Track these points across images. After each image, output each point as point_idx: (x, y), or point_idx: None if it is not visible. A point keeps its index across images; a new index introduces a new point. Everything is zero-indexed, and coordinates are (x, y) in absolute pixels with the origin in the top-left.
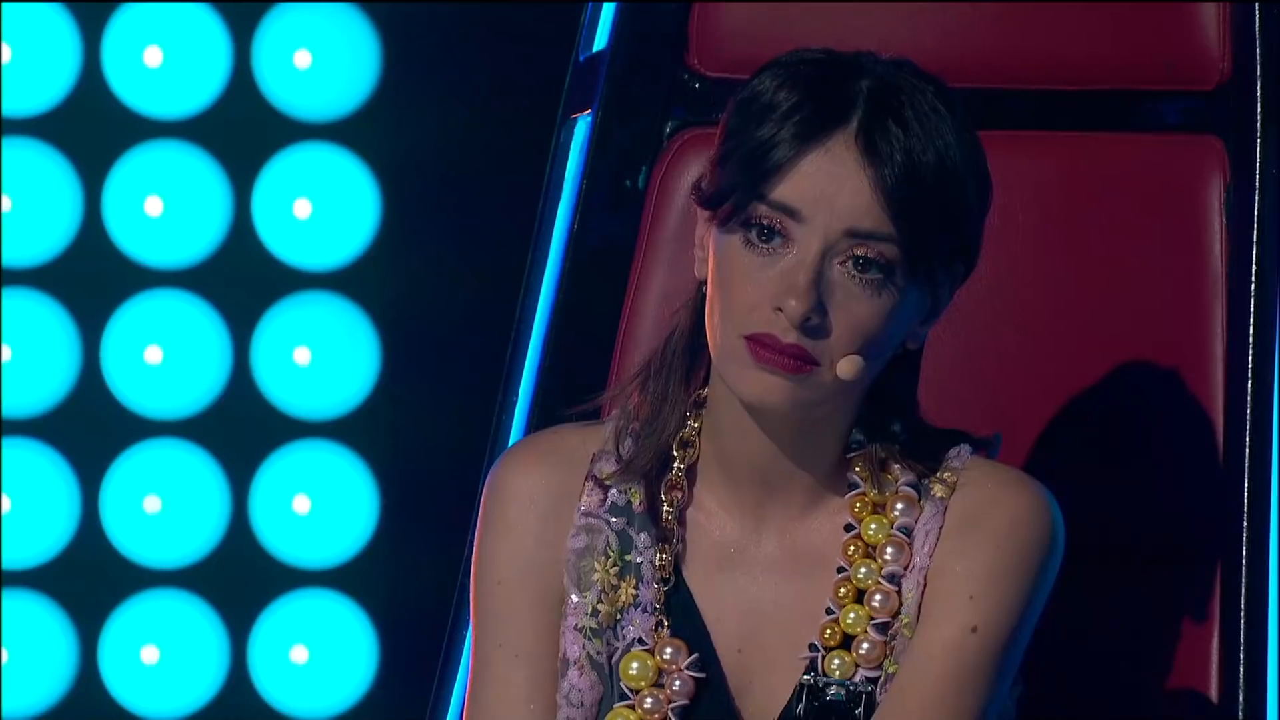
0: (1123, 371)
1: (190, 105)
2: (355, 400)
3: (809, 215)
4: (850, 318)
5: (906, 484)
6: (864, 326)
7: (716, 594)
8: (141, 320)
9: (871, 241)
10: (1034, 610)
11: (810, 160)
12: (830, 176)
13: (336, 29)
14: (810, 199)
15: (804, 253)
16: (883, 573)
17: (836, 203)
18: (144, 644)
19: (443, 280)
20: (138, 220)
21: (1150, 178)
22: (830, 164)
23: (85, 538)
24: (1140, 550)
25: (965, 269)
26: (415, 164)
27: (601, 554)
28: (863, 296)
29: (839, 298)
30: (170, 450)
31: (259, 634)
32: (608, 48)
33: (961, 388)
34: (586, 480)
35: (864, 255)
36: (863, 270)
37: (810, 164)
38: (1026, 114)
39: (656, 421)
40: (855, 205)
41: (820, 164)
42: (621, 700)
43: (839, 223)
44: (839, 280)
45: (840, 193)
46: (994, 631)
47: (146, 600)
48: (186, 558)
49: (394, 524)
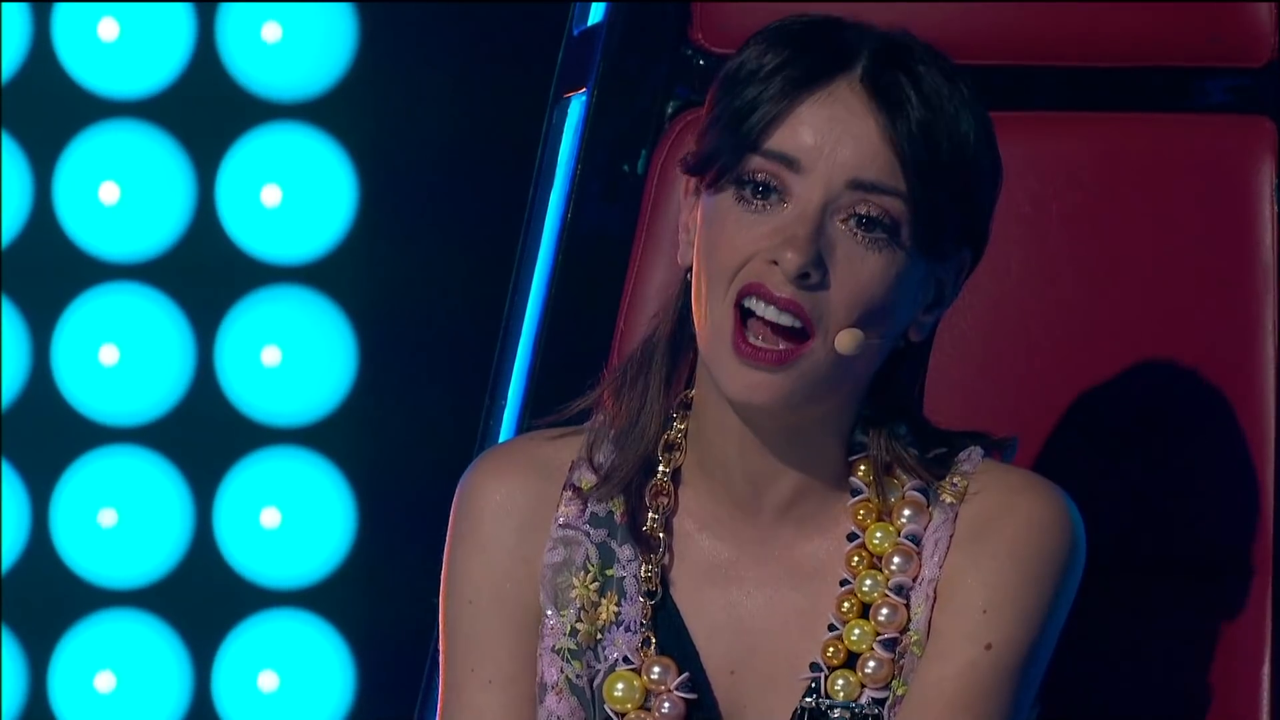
0: (1162, 370)
1: (148, 83)
2: (329, 404)
3: (809, 164)
4: (851, 279)
5: (914, 489)
6: (865, 291)
7: (706, 611)
8: (95, 317)
9: (876, 195)
10: (1054, 625)
11: (809, 106)
12: (832, 121)
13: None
14: (809, 147)
15: (804, 205)
16: (889, 584)
17: (839, 150)
18: (98, 670)
19: (425, 274)
20: (91, 208)
21: (1194, 161)
22: (832, 108)
23: (34, 555)
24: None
25: (973, 257)
26: (395, 146)
27: (580, 569)
28: (865, 257)
29: (839, 256)
30: (127, 459)
31: (224, 659)
32: (604, 21)
33: (986, 385)
34: (565, 490)
35: (867, 213)
36: (867, 229)
37: (809, 110)
38: (1059, 93)
39: (636, 427)
40: (860, 153)
41: (821, 108)
42: None
43: (841, 173)
44: (841, 238)
45: (843, 139)
46: (1011, 648)
47: (101, 622)
48: (145, 576)
49: (372, 539)
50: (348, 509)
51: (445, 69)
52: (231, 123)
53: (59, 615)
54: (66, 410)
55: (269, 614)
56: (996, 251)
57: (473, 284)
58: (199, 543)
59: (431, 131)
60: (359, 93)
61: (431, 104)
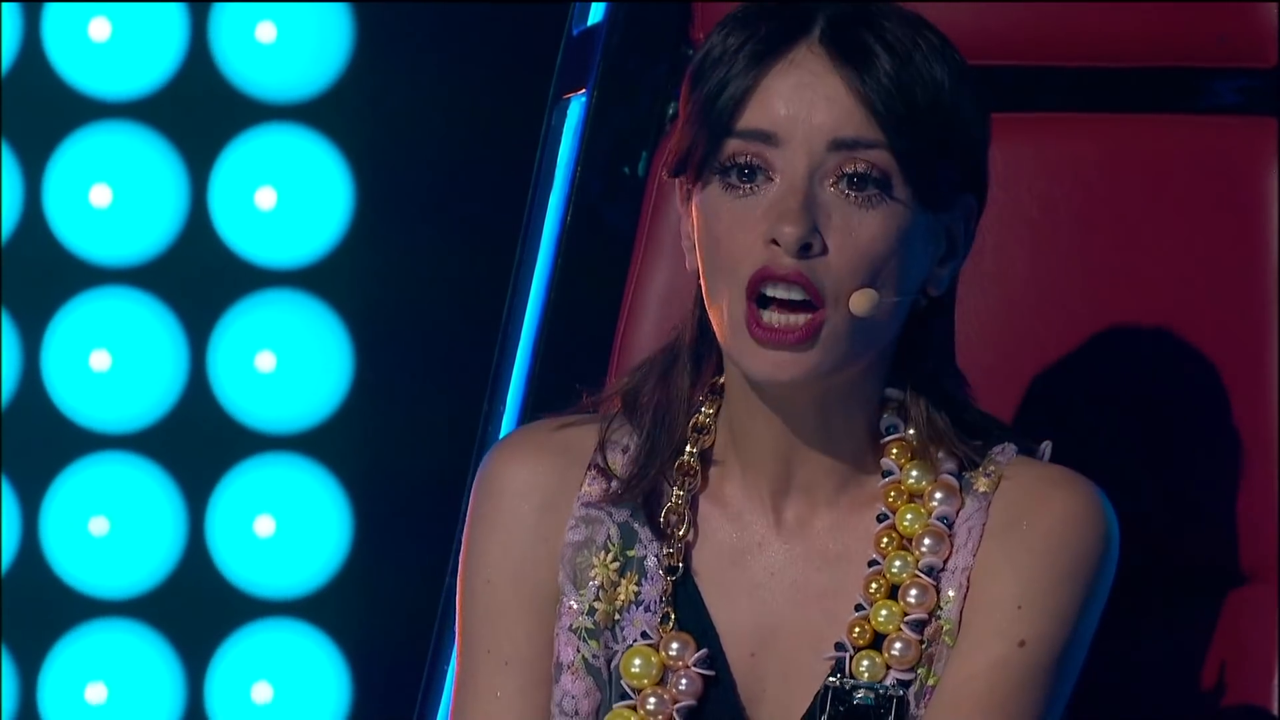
0: (1172, 375)
1: (141, 84)
2: (324, 411)
3: (786, 135)
4: (852, 241)
5: (947, 473)
6: (869, 250)
7: (729, 592)
8: (87, 322)
9: (860, 151)
10: (1088, 622)
11: (774, 77)
12: (800, 87)
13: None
14: (783, 118)
15: (790, 177)
16: (920, 565)
17: (813, 115)
18: (89, 681)
19: (422, 278)
20: (83, 211)
21: (1202, 164)
22: (798, 74)
23: (25, 563)
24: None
25: (978, 202)
26: (391, 148)
27: (601, 548)
28: (863, 217)
29: (837, 221)
30: (118, 466)
31: (217, 670)
32: (604, 20)
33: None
34: (589, 469)
35: (855, 171)
36: (858, 187)
37: (775, 81)
38: (1066, 94)
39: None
40: (834, 113)
41: (787, 77)
42: (622, 700)
43: (820, 136)
44: (834, 202)
45: (815, 102)
46: (1045, 645)
47: (92, 632)
48: (137, 585)
49: (367, 548)
50: (343, 517)
51: (443, 70)
52: (225, 124)
53: (49, 625)
54: (57, 416)
55: (263, 624)
56: (1003, 254)
57: (471, 288)
58: (192, 551)
59: (429, 133)
60: (355, 94)
61: (429, 105)
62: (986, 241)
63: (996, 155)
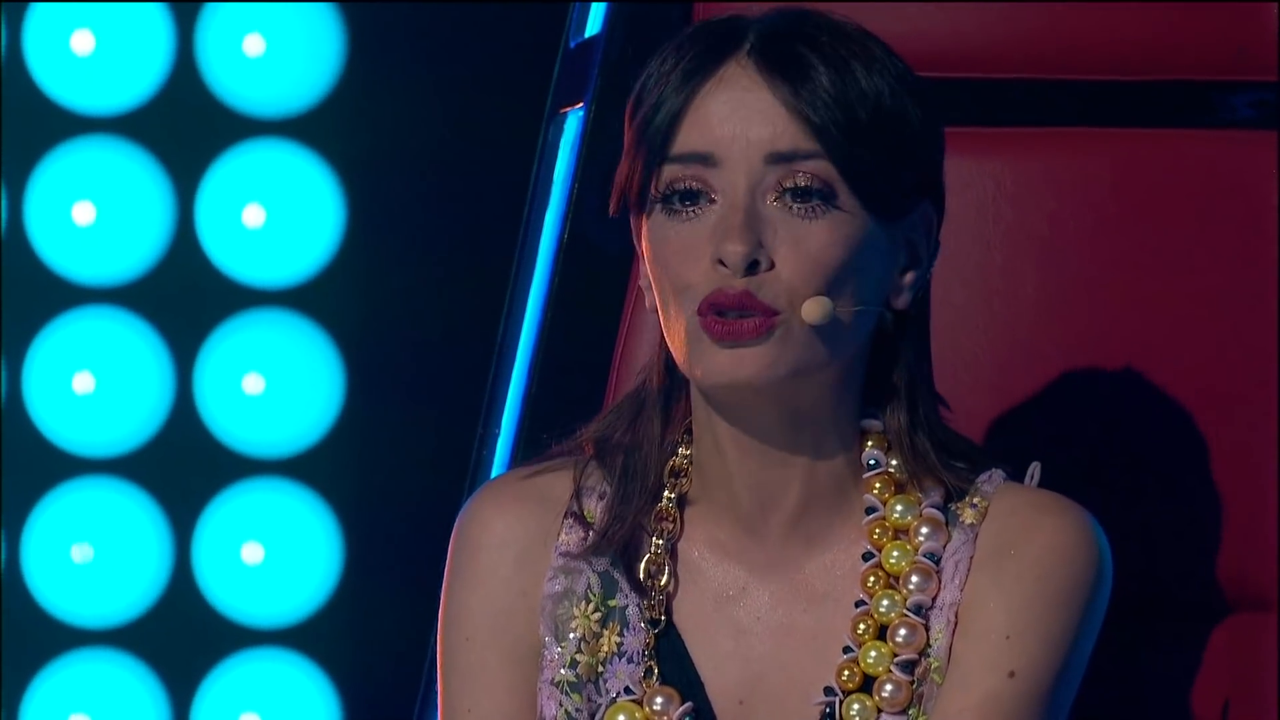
0: (1182, 398)
1: (125, 97)
2: (315, 434)
3: (722, 155)
4: (799, 253)
5: (932, 506)
6: (818, 260)
7: (712, 639)
8: (69, 343)
9: (799, 163)
10: (1081, 652)
11: (704, 96)
12: (732, 104)
13: (292, 11)
14: (717, 137)
15: (731, 196)
16: (908, 604)
17: (748, 130)
18: (72, 713)
19: (415, 297)
20: (65, 229)
21: (1218, 180)
22: (729, 90)
23: (5, 592)
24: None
25: (936, 211)
26: (384, 164)
27: (582, 598)
28: (808, 228)
29: (782, 235)
30: (102, 491)
31: (204, 701)
32: (602, 32)
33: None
34: (565, 517)
35: (795, 185)
36: (801, 199)
37: (706, 100)
38: (1075, 108)
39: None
40: (769, 126)
41: (718, 95)
42: None
43: (757, 151)
44: (778, 217)
45: (750, 117)
46: (1035, 676)
47: (74, 663)
48: (120, 614)
49: (359, 576)
50: (334, 544)
51: (437, 83)
52: (212, 139)
53: (31, 655)
54: (39, 440)
55: (251, 654)
56: (1010, 274)
57: (465, 308)
58: (177, 579)
59: (422, 148)
60: (346, 107)
61: (422, 119)
62: (994, 260)
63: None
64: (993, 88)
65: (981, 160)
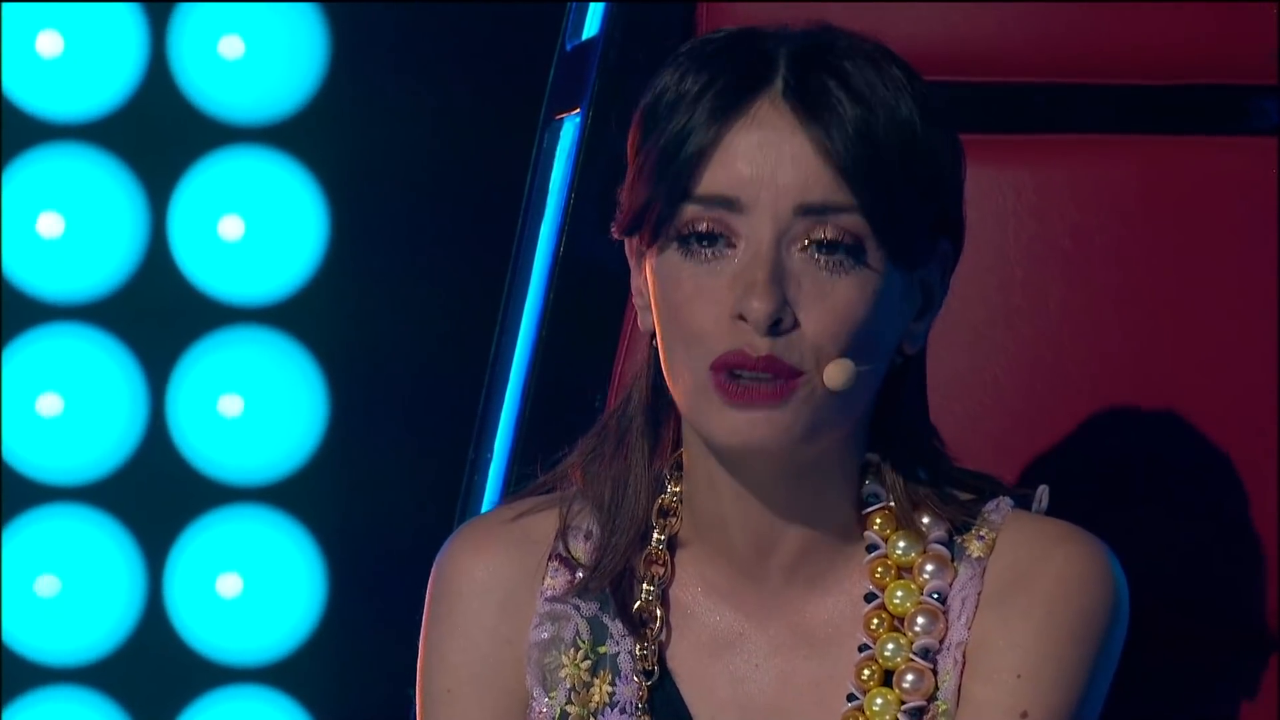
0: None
1: (95, 103)
2: (295, 459)
3: (749, 200)
4: (826, 312)
5: (937, 541)
6: (845, 319)
7: (709, 688)
8: (35, 363)
9: (829, 215)
10: (1097, 689)
11: (735, 135)
12: (763, 147)
13: (272, 11)
14: (746, 180)
15: (755, 245)
16: (914, 647)
17: (778, 177)
18: None
19: (401, 314)
20: (31, 242)
21: (1253, 190)
22: (761, 131)
23: None
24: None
25: (954, 249)
26: (368, 174)
27: (570, 646)
28: (835, 284)
29: (808, 290)
30: (69, 520)
31: None
32: (599, 35)
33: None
34: (550, 560)
35: (824, 237)
36: (828, 253)
37: (737, 140)
38: (1104, 115)
39: (625, 498)
40: (800, 175)
41: (748, 136)
42: None
43: (787, 200)
44: (804, 270)
45: (780, 163)
46: (1049, 716)
47: (41, 701)
48: (89, 651)
49: (342, 609)
50: (316, 576)
51: (425, 88)
52: (187, 147)
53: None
54: (2, 466)
55: (227, 692)
56: (1034, 288)
57: (455, 325)
58: (149, 614)
59: (410, 157)
60: (329, 113)
61: (410, 126)
62: (1016, 275)
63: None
64: (1013, 92)
65: (1000, 169)
